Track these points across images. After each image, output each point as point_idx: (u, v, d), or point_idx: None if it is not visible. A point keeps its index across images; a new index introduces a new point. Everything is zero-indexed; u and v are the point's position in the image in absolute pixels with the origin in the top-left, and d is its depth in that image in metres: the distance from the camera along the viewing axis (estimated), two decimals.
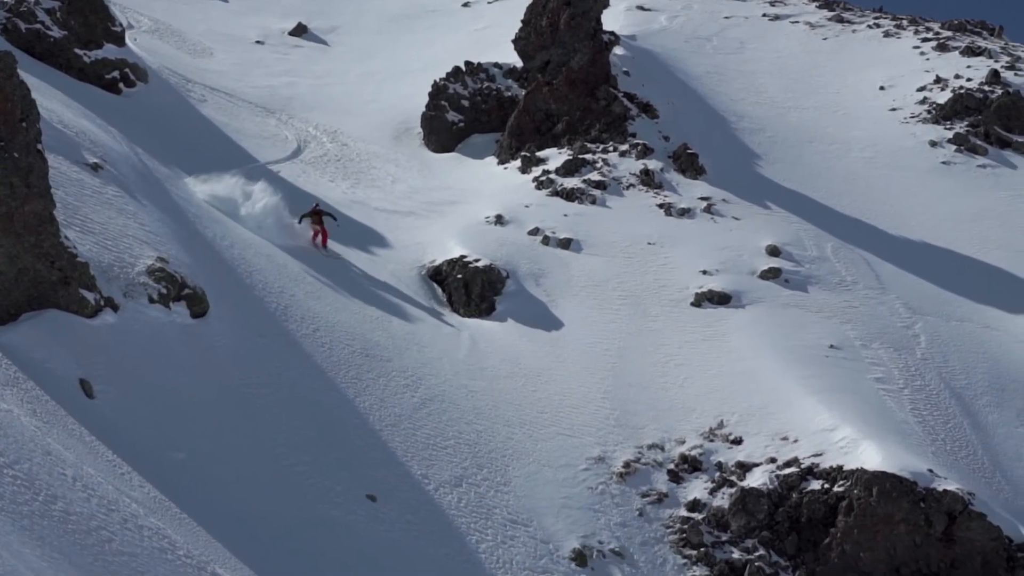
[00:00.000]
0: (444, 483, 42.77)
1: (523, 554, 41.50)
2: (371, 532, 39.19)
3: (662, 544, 44.30)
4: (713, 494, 46.08)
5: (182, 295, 43.03)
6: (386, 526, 39.81)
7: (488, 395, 48.41)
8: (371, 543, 38.65)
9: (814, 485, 45.10)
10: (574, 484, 45.18)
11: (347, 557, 37.44)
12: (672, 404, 49.90)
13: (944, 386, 52.05)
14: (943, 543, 43.74)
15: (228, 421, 40.16)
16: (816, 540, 44.39)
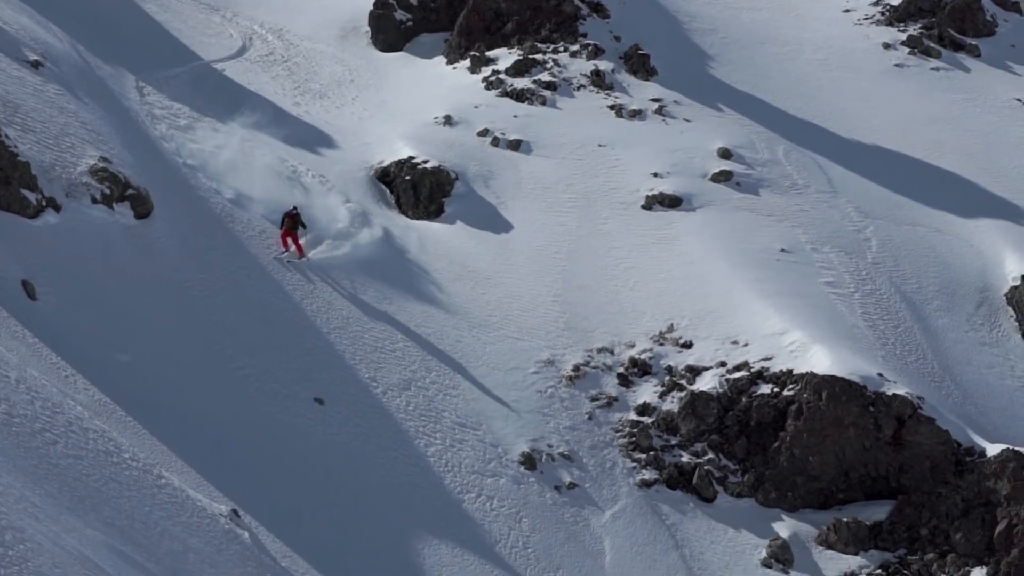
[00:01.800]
0: (392, 386, 42.45)
1: (472, 457, 41.31)
2: (319, 435, 38.91)
3: (611, 448, 44.19)
4: (663, 398, 45.95)
5: (126, 195, 42.32)
6: (334, 429, 39.52)
7: (437, 299, 47.99)
8: (319, 446, 38.39)
9: (764, 389, 45.03)
10: (523, 387, 44.95)
11: (294, 460, 37.17)
12: (622, 307, 49.62)
13: (895, 290, 52.00)
14: (892, 447, 43.82)
15: (173, 323, 39.65)
16: (765, 444, 44.37)
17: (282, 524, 31.51)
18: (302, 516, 34.28)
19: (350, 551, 34.60)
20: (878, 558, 42.28)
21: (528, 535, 39.45)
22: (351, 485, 37.70)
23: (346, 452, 38.95)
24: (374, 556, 35.30)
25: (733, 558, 41.65)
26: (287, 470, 36.57)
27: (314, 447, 38.23)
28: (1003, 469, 42.33)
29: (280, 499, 34.26)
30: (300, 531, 32.36)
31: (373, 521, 36.71)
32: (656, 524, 41.82)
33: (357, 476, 38.34)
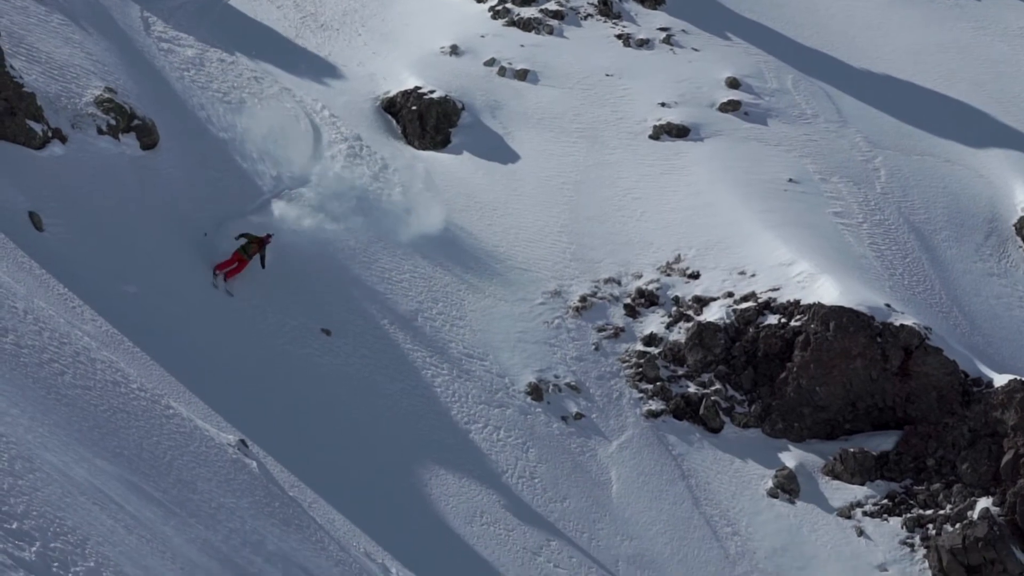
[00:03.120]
0: (399, 317, 42.46)
1: (479, 388, 41.37)
2: (326, 366, 38.97)
3: (618, 378, 44.23)
4: (670, 328, 45.94)
5: (131, 126, 42.18)
6: (341, 360, 39.58)
7: (444, 229, 47.88)
8: (326, 377, 38.47)
9: (771, 320, 45.00)
10: (530, 318, 44.94)
11: (301, 391, 37.25)
12: (629, 238, 49.52)
13: (903, 221, 51.85)
14: (899, 377, 43.82)
15: (180, 255, 39.63)
16: (772, 375, 44.39)
17: (290, 454, 31.56)
18: (310, 447, 34.39)
19: (357, 481, 34.72)
20: (884, 488, 42.39)
21: (535, 465, 39.56)
22: (358, 416, 37.81)
23: (353, 383, 39.02)
24: (381, 486, 35.44)
25: (739, 488, 41.77)
26: (294, 401, 36.67)
27: (321, 378, 38.31)
28: (1010, 399, 42.36)
29: (288, 430, 34.36)
30: (308, 462, 32.43)
31: (380, 452, 36.83)
32: (662, 454, 41.92)
33: (364, 407, 38.43)
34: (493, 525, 36.41)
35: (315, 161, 47.35)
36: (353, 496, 32.82)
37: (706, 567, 38.51)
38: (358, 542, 27.23)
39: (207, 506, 17.18)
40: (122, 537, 12.40)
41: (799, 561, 39.83)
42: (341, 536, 25.11)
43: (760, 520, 40.87)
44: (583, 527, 38.13)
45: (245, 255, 39.94)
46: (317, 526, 22.89)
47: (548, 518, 37.73)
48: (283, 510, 20.77)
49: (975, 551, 39.74)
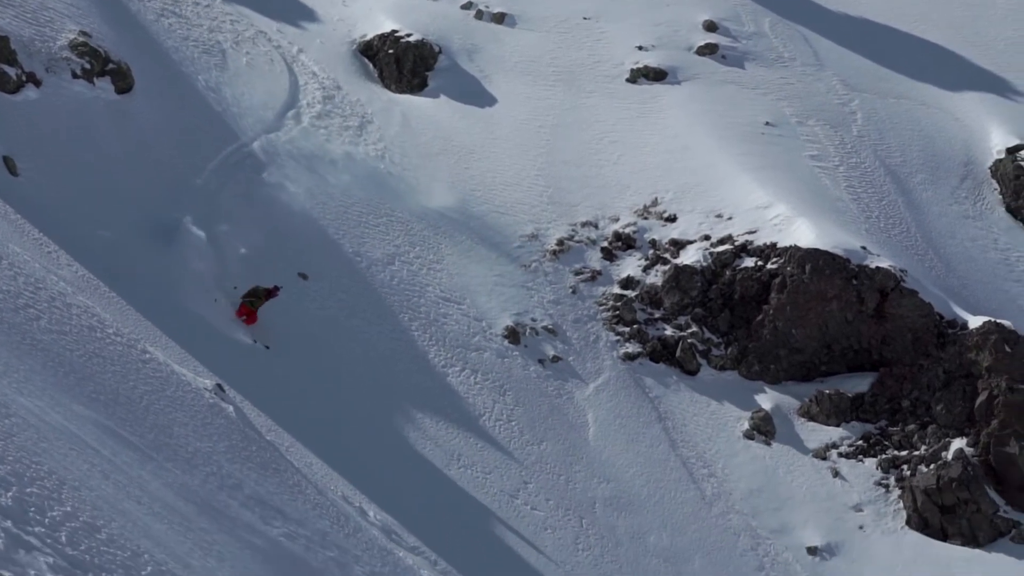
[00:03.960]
0: (376, 261, 42.44)
1: (456, 332, 41.43)
2: (304, 310, 38.97)
3: (595, 321, 44.33)
4: (646, 271, 46.02)
5: (106, 70, 41.95)
6: (317, 304, 39.59)
7: (421, 173, 47.82)
8: (304, 320, 38.46)
9: (748, 262, 45.11)
10: (507, 262, 44.97)
11: (278, 334, 37.23)
12: (606, 181, 49.50)
13: (879, 163, 51.90)
14: (874, 319, 44.00)
15: (157, 200, 39.51)
16: (749, 317, 44.54)
17: (267, 399, 31.61)
18: (287, 391, 34.43)
19: (335, 425, 34.79)
20: (859, 429, 42.64)
21: (512, 408, 39.68)
22: (335, 359, 37.85)
23: (330, 327, 39.04)
24: (359, 430, 35.51)
25: (715, 430, 41.97)
26: (272, 340, 36.66)
27: (298, 322, 38.30)
28: (985, 341, 42.58)
29: (264, 374, 34.38)
30: (285, 405, 32.48)
31: (357, 395, 36.88)
32: (639, 397, 42.07)
33: (341, 350, 38.47)
34: (470, 468, 36.55)
35: (291, 105, 47.15)
36: (330, 440, 32.90)
37: (682, 508, 38.73)
38: (335, 485, 27.32)
39: (183, 450, 17.22)
40: (98, 482, 12.44)
41: (775, 502, 40.08)
42: (318, 480, 25.18)
43: (736, 462, 41.09)
44: (560, 469, 38.29)
45: (253, 308, 37.60)
46: (294, 470, 22.95)
47: (525, 461, 37.88)
48: (260, 454, 20.82)
49: (949, 491, 40.04)
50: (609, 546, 36.25)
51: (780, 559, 38.21)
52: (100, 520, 10.50)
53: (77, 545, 9.39)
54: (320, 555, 16.37)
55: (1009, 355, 42.41)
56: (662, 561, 36.45)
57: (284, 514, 17.34)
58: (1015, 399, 41.34)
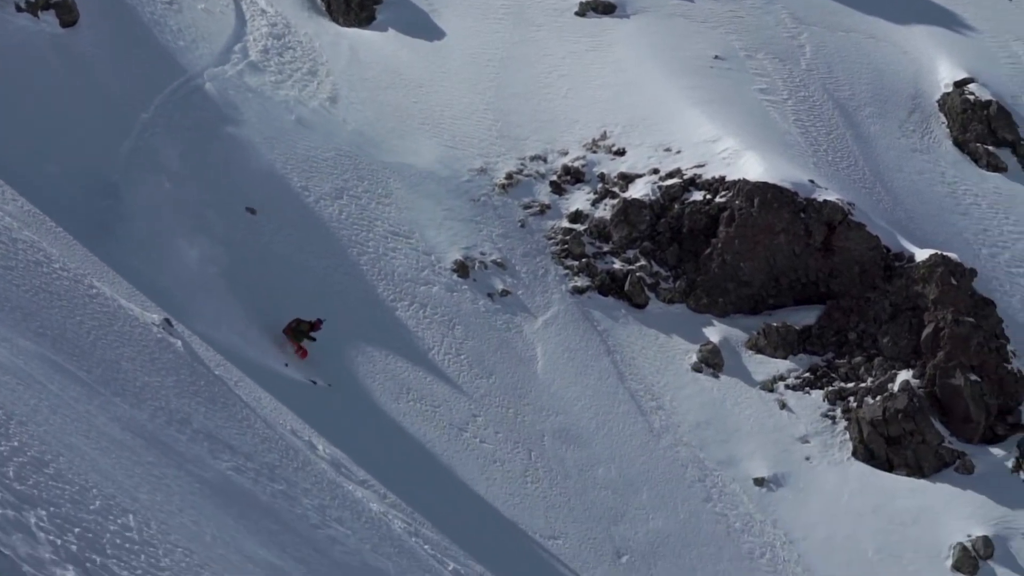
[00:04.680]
0: (325, 195, 42.28)
1: (405, 266, 41.38)
2: (252, 244, 38.83)
3: (544, 255, 44.35)
4: (595, 205, 46.03)
5: (50, 3, 41.50)
6: (266, 238, 39.44)
7: (369, 107, 47.57)
8: (251, 256, 38.29)
9: (696, 196, 45.18)
10: (456, 196, 44.88)
11: (226, 270, 37.05)
12: (555, 115, 49.41)
13: (828, 97, 52.00)
14: (822, 253, 44.21)
15: (104, 133, 39.17)
16: (697, 251, 44.65)
17: (214, 332, 31.56)
18: (234, 324, 34.34)
19: (281, 359, 34.77)
20: (807, 362, 42.94)
21: (461, 342, 39.73)
22: (284, 294, 37.72)
23: (279, 261, 38.93)
24: (307, 364, 35.49)
25: (664, 363, 42.16)
26: (219, 280, 36.51)
27: (246, 257, 38.15)
28: (931, 274, 42.88)
29: (212, 309, 34.24)
30: (232, 339, 32.42)
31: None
32: (588, 330, 42.19)
33: (290, 285, 38.36)
34: (419, 401, 36.62)
35: (238, 39, 46.71)
36: (277, 374, 32.89)
37: (631, 441, 38.95)
38: (284, 420, 27.33)
39: (132, 385, 17.17)
40: (46, 416, 12.39)
41: (722, 434, 40.36)
42: (267, 414, 25.17)
43: (684, 394, 41.31)
44: (509, 402, 38.41)
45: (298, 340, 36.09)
46: (243, 404, 22.93)
47: (474, 394, 37.98)
48: (208, 388, 20.79)
49: (895, 423, 40.43)
50: (557, 478, 36.46)
51: (727, 490, 38.52)
52: (48, 455, 10.47)
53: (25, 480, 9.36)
54: (268, 488, 16.40)
55: (955, 288, 42.74)
56: (610, 493, 36.69)
57: (232, 448, 17.33)
58: (961, 331, 41.71)
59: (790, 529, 37.82)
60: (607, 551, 34.27)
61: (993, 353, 42.26)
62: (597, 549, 34.15)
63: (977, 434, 41.19)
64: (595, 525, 34.64)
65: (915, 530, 38.45)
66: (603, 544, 33.92)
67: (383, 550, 18.35)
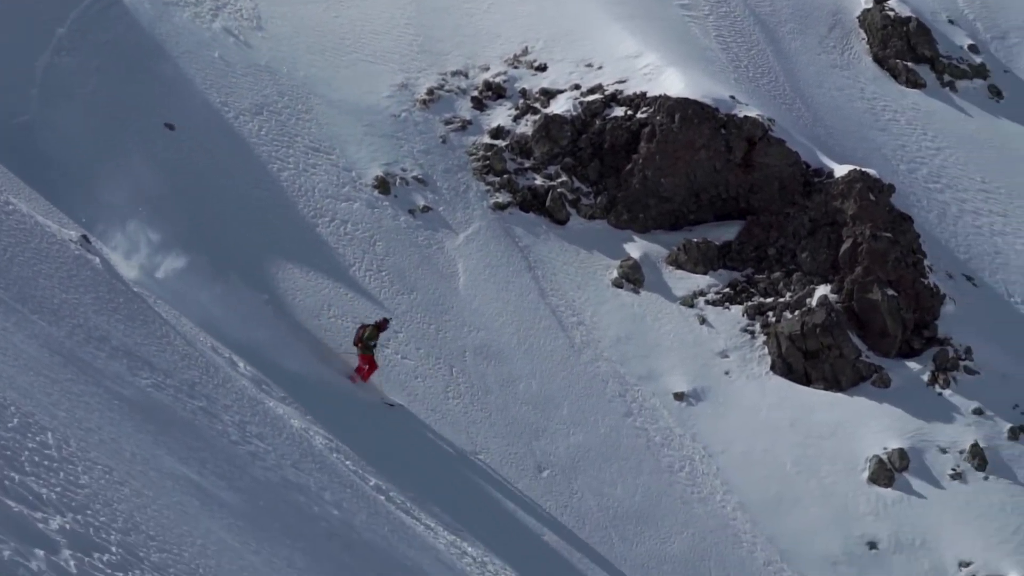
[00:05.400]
0: (244, 111, 41.89)
1: (325, 182, 41.15)
2: (170, 160, 38.41)
3: (465, 171, 44.25)
4: (517, 121, 45.93)
5: None
6: (184, 155, 39.05)
7: (288, 21, 47.06)
8: (170, 171, 37.86)
9: (617, 112, 45.18)
10: (377, 112, 44.60)
11: (145, 184, 36.63)
12: (477, 30, 49.12)
13: (749, 12, 52.02)
14: (742, 169, 44.41)
15: (18, 48, 38.58)
16: (618, 167, 44.71)
17: (133, 251, 31.30)
18: (153, 243, 34.02)
19: (200, 276, 34.49)
20: (726, 277, 43.23)
21: (382, 258, 39.63)
22: (204, 211, 37.41)
23: (198, 178, 38.56)
24: (227, 281, 35.19)
25: (585, 279, 42.29)
26: (137, 194, 36.06)
27: (165, 172, 37.75)
28: (850, 189, 43.20)
29: (129, 226, 33.88)
30: (152, 258, 32.15)
31: (225, 247, 36.50)
32: (509, 246, 42.21)
33: (210, 202, 38.04)
34: (341, 318, 36.53)
35: None
36: (195, 291, 32.65)
37: (551, 356, 39.11)
38: (204, 337, 27.23)
39: (49, 302, 17.03)
40: None
41: (643, 349, 40.60)
42: (187, 331, 25.08)
43: (605, 310, 41.49)
44: (430, 319, 38.43)
45: (370, 352, 34.17)
46: (163, 321, 22.83)
47: (395, 310, 37.92)
48: (127, 306, 20.67)
49: (813, 337, 40.84)
50: (479, 394, 36.59)
51: (647, 405, 38.81)
52: None
53: None
54: (189, 405, 16.36)
55: (873, 203, 43.10)
56: (531, 408, 36.88)
57: (152, 365, 17.27)
58: (878, 247, 42.10)
59: (709, 443, 38.21)
60: (528, 466, 34.49)
61: (910, 268, 42.72)
62: (518, 464, 34.36)
63: (894, 348, 41.72)
64: (516, 440, 34.84)
65: (832, 443, 38.95)
66: (524, 459, 34.13)
67: (304, 466, 18.40)
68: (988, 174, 50.34)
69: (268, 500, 14.48)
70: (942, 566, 35.97)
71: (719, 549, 34.69)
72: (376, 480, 24.29)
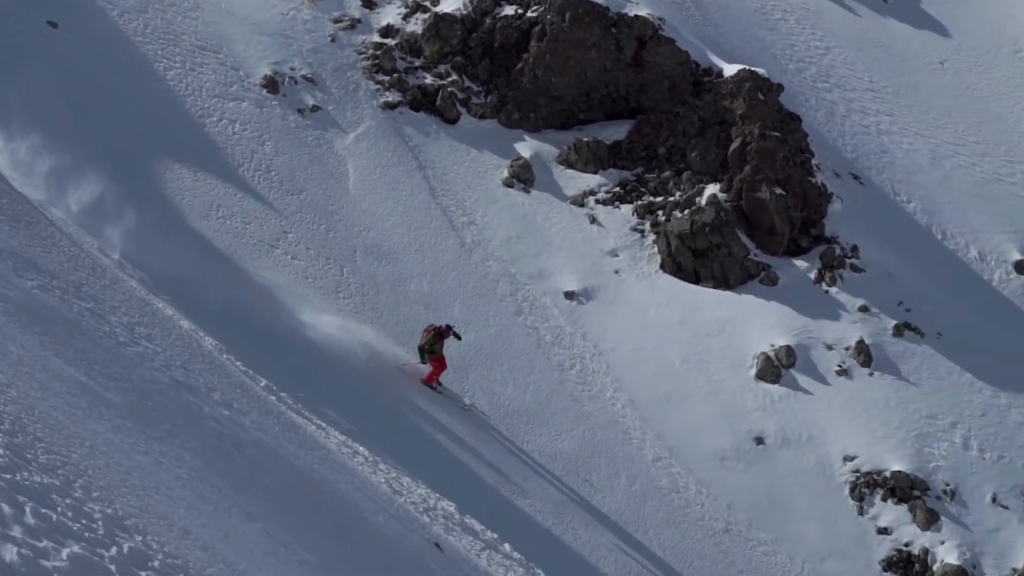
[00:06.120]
0: (128, 9, 41.18)
1: (213, 81, 40.66)
2: (54, 61, 37.74)
3: (354, 70, 43.90)
4: (406, 19, 45.56)
5: None
6: (69, 55, 38.42)
7: None
8: (55, 73, 37.24)
9: (508, 10, 44.97)
10: (265, 9, 44.05)
11: (25, 82, 36.00)
12: None
13: None
14: (632, 68, 44.45)
15: None
16: (509, 66, 44.58)
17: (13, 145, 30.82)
18: (36, 140, 33.42)
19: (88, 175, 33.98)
20: (616, 176, 43.39)
21: (271, 158, 39.33)
22: (86, 110, 36.82)
23: (79, 77, 37.93)
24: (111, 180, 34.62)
25: (475, 178, 42.26)
26: (12, 93, 35.30)
27: (48, 71, 37.10)
28: (739, 89, 43.40)
29: (12, 126, 33.25)
30: (33, 157, 31.61)
31: (110, 146, 35.95)
32: (400, 146, 42.03)
33: (91, 100, 37.43)
34: (230, 219, 36.26)
35: None
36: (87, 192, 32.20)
37: (442, 256, 39.12)
38: (91, 239, 26.94)
39: None
40: None
41: (533, 248, 40.72)
42: (73, 232, 24.79)
43: (495, 209, 41.52)
44: (320, 219, 38.24)
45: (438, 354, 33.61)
46: (48, 223, 22.51)
47: (285, 211, 37.72)
48: (11, 207, 20.34)
49: (702, 236, 41.17)
50: (370, 294, 36.54)
51: (538, 303, 39.00)
52: None
53: None
54: (75, 306, 16.18)
55: (762, 102, 43.35)
56: (422, 308, 36.91)
57: (37, 266, 17.03)
58: (767, 145, 42.41)
59: (599, 341, 38.50)
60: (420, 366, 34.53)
61: (798, 167, 43.10)
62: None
63: (781, 247, 42.17)
64: (407, 340, 34.84)
65: (720, 341, 39.41)
66: (415, 358, 34.14)
67: (194, 367, 18.30)
68: (875, 74, 50.82)
69: (157, 401, 14.39)
70: (827, 461, 36.65)
71: (609, 446, 35.06)
72: (267, 381, 24.24)
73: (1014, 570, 34.95)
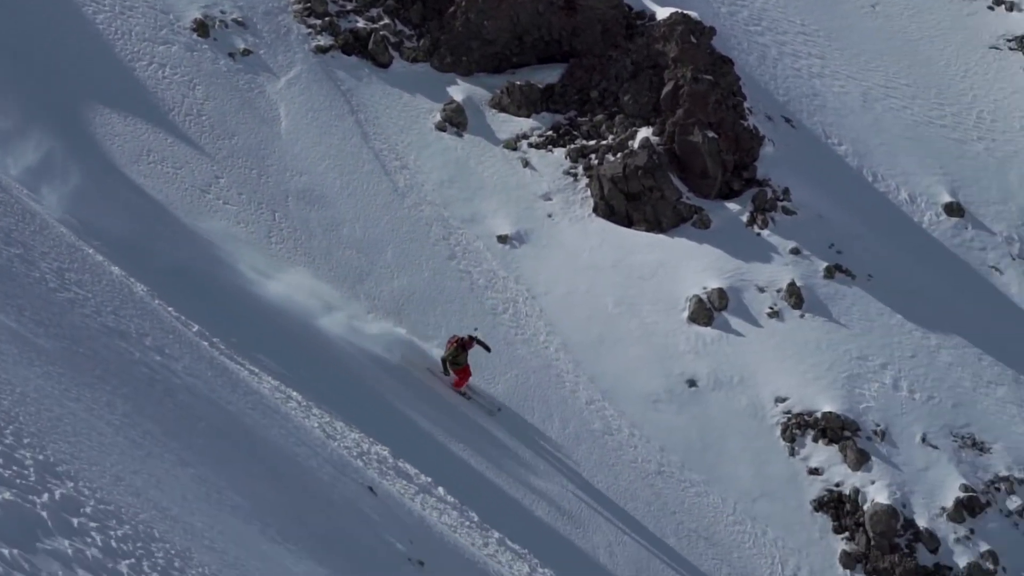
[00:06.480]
0: None
1: (143, 25, 40.24)
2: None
3: (286, 14, 43.55)
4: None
5: None
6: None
7: None
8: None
9: None
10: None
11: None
12: None
13: None
14: (565, 11, 44.34)
15: None
16: (441, 9, 44.37)
17: None
18: None
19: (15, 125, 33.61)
20: (549, 120, 43.38)
21: (202, 103, 39.03)
22: (14, 56, 36.39)
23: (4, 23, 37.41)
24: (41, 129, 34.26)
25: (408, 122, 42.13)
26: None
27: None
28: (672, 32, 43.42)
29: None
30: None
31: (38, 93, 35.57)
32: (331, 90, 41.81)
33: (20, 47, 36.98)
34: (160, 164, 36.02)
35: None
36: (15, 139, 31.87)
37: (375, 200, 39.02)
38: (20, 185, 26.68)
39: None
40: None
41: (466, 192, 40.69)
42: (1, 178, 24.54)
43: (428, 153, 41.44)
44: (252, 163, 38.03)
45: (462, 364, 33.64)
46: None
47: (216, 155, 37.49)
48: None
49: (635, 179, 41.27)
50: (303, 238, 36.44)
51: (471, 247, 39.01)
52: None
53: None
54: (4, 252, 16.04)
55: (695, 46, 43.39)
56: (355, 252, 36.85)
57: None
58: (699, 89, 42.50)
59: (532, 285, 38.59)
60: (355, 309, 34.50)
61: (730, 111, 43.24)
62: (344, 308, 34.34)
63: (714, 190, 42.35)
64: (341, 284, 34.83)
65: (653, 283, 39.59)
66: (349, 302, 34.13)
67: (124, 312, 18.21)
68: (807, 17, 50.97)
69: (88, 347, 14.33)
70: (759, 402, 36.99)
71: (542, 389, 35.22)
72: (199, 326, 24.16)
73: (943, 509, 35.47)
